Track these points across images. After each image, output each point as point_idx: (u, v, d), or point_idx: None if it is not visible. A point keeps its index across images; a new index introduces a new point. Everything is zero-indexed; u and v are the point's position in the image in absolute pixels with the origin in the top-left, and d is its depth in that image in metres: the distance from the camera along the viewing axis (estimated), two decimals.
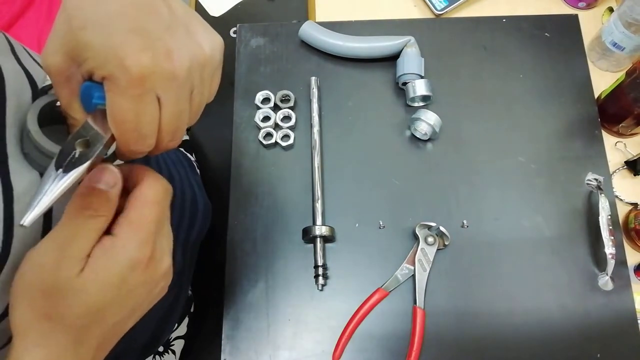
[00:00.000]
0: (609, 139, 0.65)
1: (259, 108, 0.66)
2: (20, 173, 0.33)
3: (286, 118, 0.66)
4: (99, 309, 0.30)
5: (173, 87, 0.29)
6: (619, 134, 0.66)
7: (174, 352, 0.67)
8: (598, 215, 0.57)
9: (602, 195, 0.58)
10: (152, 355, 0.64)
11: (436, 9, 0.72)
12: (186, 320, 0.67)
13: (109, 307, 0.31)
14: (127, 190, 0.32)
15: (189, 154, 0.73)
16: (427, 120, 0.61)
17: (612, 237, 0.56)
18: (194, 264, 0.66)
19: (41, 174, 0.34)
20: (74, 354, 0.30)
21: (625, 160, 0.64)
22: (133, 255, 0.31)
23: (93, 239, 0.30)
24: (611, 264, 0.56)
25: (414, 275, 0.58)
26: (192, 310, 0.68)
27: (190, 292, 0.67)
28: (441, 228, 0.58)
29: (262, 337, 0.57)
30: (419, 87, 0.63)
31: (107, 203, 0.31)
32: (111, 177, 0.31)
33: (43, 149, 0.32)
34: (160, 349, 0.66)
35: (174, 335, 0.66)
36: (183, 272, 0.62)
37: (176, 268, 0.36)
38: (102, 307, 0.30)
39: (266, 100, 0.67)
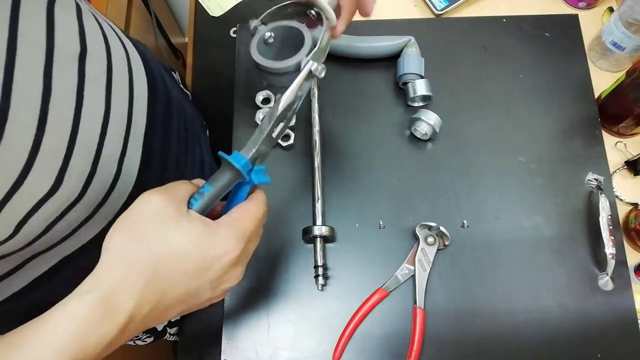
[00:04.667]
0: (609, 139, 0.65)
1: (259, 108, 0.65)
2: None
3: None
4: (175, 259, 0.31)
5: None
6: (619, 134, 0.66)
7: None
8: (598, 215, 0.57)
9: (602, 195, 0.58)
10: None
11: (436, 9, 0.72)
12: None
13: (184, 264, 0.32)
14: None
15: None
16: (427, 120, 0.61)
17: (612, 237, 0.57)
18: None
19: None
20: (141, 289, 0.30)
21: (625, 160, 0.64)
22: (227, 243, 0.33)
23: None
24: (611, 264, 0.56)
25: (414, 276, 0.58)
26: None
27: None
28: (441, 228, 0.58)
29: (262, 337, 0.57)
30: (419, 87, 0.63)
31: None
32: None
33: None
34: None
35: None
36: None
37: None
38: (180, 259, 0.31)
39: (266, 100, 0.67)
